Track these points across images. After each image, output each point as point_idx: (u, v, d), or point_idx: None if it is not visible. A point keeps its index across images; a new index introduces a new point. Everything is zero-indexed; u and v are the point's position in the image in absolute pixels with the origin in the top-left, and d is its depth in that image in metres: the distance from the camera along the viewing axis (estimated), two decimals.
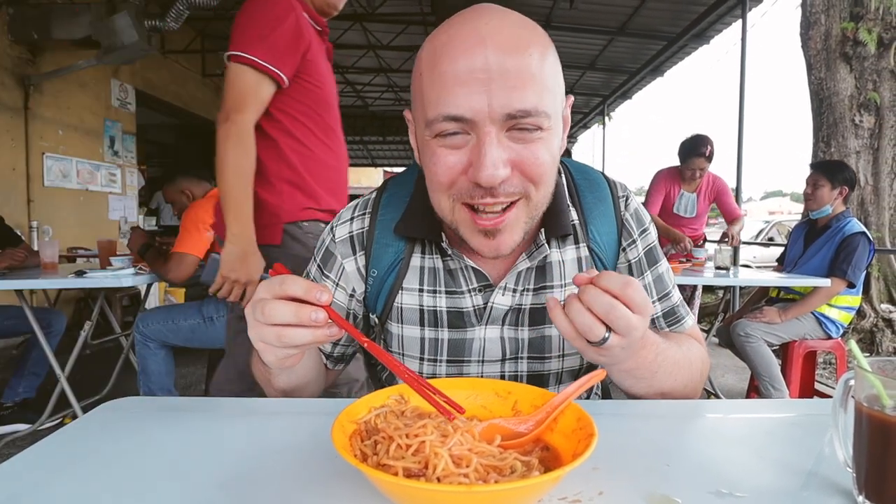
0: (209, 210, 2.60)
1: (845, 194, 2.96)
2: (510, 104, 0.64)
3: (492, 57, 0.64)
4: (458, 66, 0.65)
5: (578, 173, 0.92)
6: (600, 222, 0.88)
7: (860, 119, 5.17)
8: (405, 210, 0.86)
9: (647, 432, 0.68)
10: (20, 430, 2.84)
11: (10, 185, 5.12)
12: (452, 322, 0.85)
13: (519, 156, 0.67)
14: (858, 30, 5.08)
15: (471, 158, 0.67)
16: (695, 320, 0.95)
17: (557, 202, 0.82)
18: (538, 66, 0.67)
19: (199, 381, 3.94)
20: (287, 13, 1.52)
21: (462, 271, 0.84)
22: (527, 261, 0.82)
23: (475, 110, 0.65)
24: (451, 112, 0.66)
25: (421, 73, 0.71)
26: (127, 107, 6.85)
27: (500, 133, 0.66)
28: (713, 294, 7.60)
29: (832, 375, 4.34)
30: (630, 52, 8.04)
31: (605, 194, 0.90)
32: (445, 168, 0.69)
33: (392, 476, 0.45)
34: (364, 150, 18.08)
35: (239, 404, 0.79)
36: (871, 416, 0.48)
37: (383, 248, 0.87)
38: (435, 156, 0.69)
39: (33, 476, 0.56)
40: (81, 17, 4.90)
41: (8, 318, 2.87)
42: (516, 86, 0.64)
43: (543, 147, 0.68)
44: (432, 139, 0.69)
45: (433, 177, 0.71)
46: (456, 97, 0.65)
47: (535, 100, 0.66)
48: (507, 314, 0.84)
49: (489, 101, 0.64)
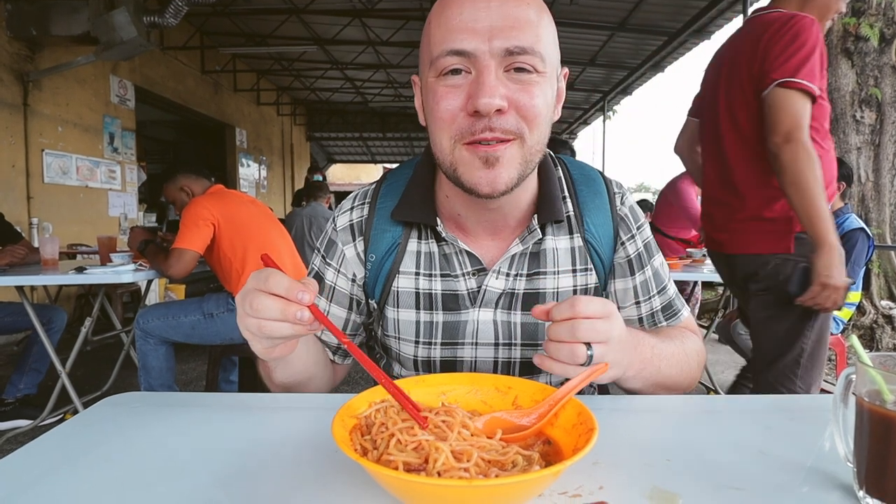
0: (208, 206, 2.60)
1: (842, 190, 2.95)
2: (509, 41, 0.70)
3: (494, 5, 0.71)
4: (463, 10, 0.71)
5: (574, 168, 0.95)
6: (596, 215, 0.90)
7: (861, 115, 5.16)
8: (402, 195, 0.90)
9: (647, 427, 0.68)
10: (21, 426, 2.85)
11: (9, 182, 5.12)
12: (447, 304, 0.87)
13: (515, 95, 0.71)
14: (860, 25, 5.07)
15: (470, 92, 0.71)
16: (689, 311, 0.98)
17: (550, 188, 0.86)
18: (536, 16, 0.73)
19: (199, 377, 3.94)
20: (817, 36, 1.62)
21: (457, 255, 0.87)
22: (519, 245, 0.84)
23: (476, 45, 0.70)
24: (455, 46, 0.71)
25: (430, 22, 0.77)
26: (126, 103, 6.85)
27: (498, 69, 0.71)
28: (713, 290, 7.61)
29: (832, 371, 4.35)
30: (630, 47, 8.03)
31: (601, 189, 0.92)
32: (446, 104, 0.73)
33: (393, 470, 0.45)
34: (364, 146, 18.06)
35: (239, 400, 0.79)
36: (871, 411, 0.48)
37: (381, 233, 0.90)
38: (436, 95, 0.74)
39: (34, 471, 0.56)
40: (80, 13, 4.89)
41: (9, 315, 2.88)
42: (514, 27, 0.70)
43: (538, 90, 0.73)
44: (435, 80, 0.74)
45: (434, 115, 0.75)
46: (460, 33, 0.71)
47: (533, 40, 0.71)
48: (500, 298, 0.87)
49: (489, 38, 0.70)
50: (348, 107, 14.25)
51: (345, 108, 14.42)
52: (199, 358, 4.34)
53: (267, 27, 8.57)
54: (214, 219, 2.57)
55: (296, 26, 8.43)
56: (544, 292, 0.87)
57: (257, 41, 9.05)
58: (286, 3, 7.55)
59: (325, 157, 18.65)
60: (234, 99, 10.31)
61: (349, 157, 19.97)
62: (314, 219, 4.58)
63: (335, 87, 12.17)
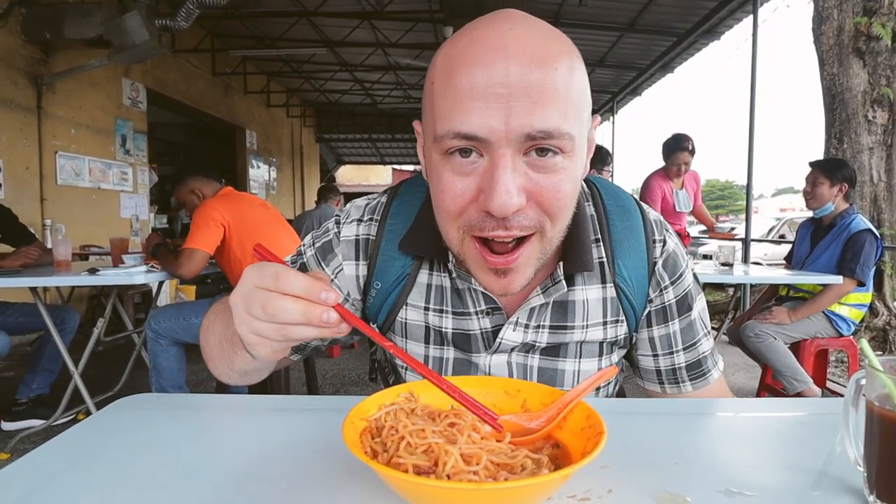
0: (219, 208, 2.62)
1: (845, 191, 2.94)
2: (530, 123, 0.58)
3: (513, 69, 0.57)
4: (474, 78, 0.58)
5: (610, 197, 0.83)
6: (629, 256, 0.80)
7: (873, 115, 5.10)
8: (412, 225, 0.81)
9: (656, 431, 0.68)
10: (34, 425, 2.88)
11: (23, 184, 5.18)
12: (458, 343, 0.82)
13: (537, 185, 0.61)
14: (872, 24, 5.01)
15: (481, 185, 0.61)
16: (721, 372, 0.88)
17: (581, 233, 0.75)
18: (565, 82, 0.60)
19: (210, 378, 3.97)
20: None
21: (470, 292, 0.79)
22: (541, 296, 0.76)
23: (490, 128, 0.58)
24: (464, 129, 0.59)
25: (433, 81, 0.64)
26: (138, 105, 6.91)
27: (516, 157, 0.60)
28: (723, 292, 7.55)
29: (844, 374, 4.31)
30: (640, 48, 8.00)
31: (637, 225, 0.81)
32: (453, 196, 0.62)
33: (402, 473, 0.45)
34: (373, 147, 18.11)
35: (250, 401, 0.80)
36: (882, 415, 0.48)
37: (389, 261, 0.82)
38: (442, 181, 0.63)
39: (47, 472, 0.57)
40: (93, 16, 4.95)
41: (22, 315, 2.91)
42: (538, 102, 0.58)
43: (565, 177, 0.62)
44: (440, 158, 0.63)
45: (440, 203, 0.65)
46: (470, 113, 0.58)
47: (559, 120, 0.59)
48: (516, 346, 0.80)
49: (507, 119, 0.58)
50: (357, 108, 14.30)
51: (354, 110, 14.47)
52: None
53: (277, 30, 8.63)
54: (224, 220, 2.60)
55: (305, 29, 8.48)
56: (569, 344, 0.80)
57: (267, 44, 9.11)
58: (296, 6, 7.60)
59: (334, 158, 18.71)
60: (244, 101, 10.38)
61: (358, 159, 20.04)
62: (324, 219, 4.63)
63: (344, 89, 12.22)
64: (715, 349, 0.87)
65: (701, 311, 0.85)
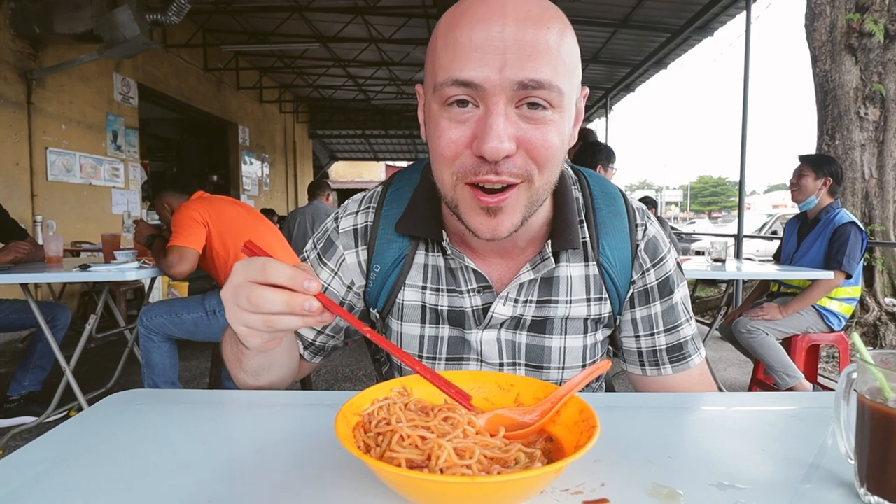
0: (196, 208, 2.68)
1: (829, 185, 2.97)
2: (523, 73, 0.62)
3: (510, 27, 0.63)
4: (474, 33, 0.63)
5: (596, 184, 0.89)
6: (613, 238, 0.85)
7: (865, 111, 5.13)
8: (407, 206, 0.85)
9: (649, 425, 0.68)
10: (26, 422, 2.86)
11: (13, 180, 5.13)
12: (453, 320, 0.85)
13: (527, 135, 0.65)
14: (864, 21, 5.04)
15: (476, 131, 0.65)
16: (703, 360, 0.90)
17: (567, 214, 0.80)
18: (557, 41, 0.65)
19: (202, 374, 3.96)
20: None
21: (462, 271, 0.83)
22: (531, 272, 0.80)
23: (486, 77, 0.63)
24: (462, 76, 0.64)
25: (436, 38, 0.69)
26: (129, 101, 6.86)
27: (508, 106, 0.64)
28: (715, 287, 7.60)
29: (835, 369, 4.34)
30: (633, 44, 8.01)
31: (620, 209, 0.87)
32: (448, 141, 0.67)
33: (395, 467, 0.45)
34: (366, 143, 18.08)
35: (243, 397, 0.80)
36: (873, 408, 0.48)
37: (387, 244, 0.86)
38: (439, 128, 0.67)
39: (39, 468, 0.56)
40: (83, 10, 4.90)
41: (14, 312, 2.89)
42: (531, 55, 0.63)
43: (553, 129, 0.66)
44: (439, 108, 0.67)
45: (436, 149, 0.69)
46: (468, 61, 0.63)
47: (550, 73, 0.63)
48: (506, 321, 0.84)
49: (501, 68, 0.62)
50: (350, 104, 14.26)
51: (347, 106, 14.43)
52: (201, 355, 4.36)
53: (269, 25, 8.58)
54: (203, 219, 2.64)
55: (298, 24, 8.44)
56: (554, 319, 0.84)
57: (260, 39, 9.07)
58: (288, 1, 7.55)
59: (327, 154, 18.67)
60: (236, 97, 10.33)
61: (351, 155, 20.02)
62: (316, 216, 4.64)
63: (337, 85, 12.19)
64: (697, 336, 0.90)
65: (683, 297, 0.89)
